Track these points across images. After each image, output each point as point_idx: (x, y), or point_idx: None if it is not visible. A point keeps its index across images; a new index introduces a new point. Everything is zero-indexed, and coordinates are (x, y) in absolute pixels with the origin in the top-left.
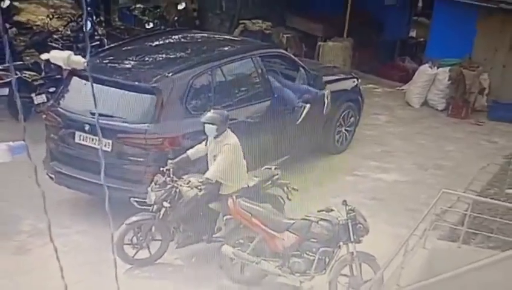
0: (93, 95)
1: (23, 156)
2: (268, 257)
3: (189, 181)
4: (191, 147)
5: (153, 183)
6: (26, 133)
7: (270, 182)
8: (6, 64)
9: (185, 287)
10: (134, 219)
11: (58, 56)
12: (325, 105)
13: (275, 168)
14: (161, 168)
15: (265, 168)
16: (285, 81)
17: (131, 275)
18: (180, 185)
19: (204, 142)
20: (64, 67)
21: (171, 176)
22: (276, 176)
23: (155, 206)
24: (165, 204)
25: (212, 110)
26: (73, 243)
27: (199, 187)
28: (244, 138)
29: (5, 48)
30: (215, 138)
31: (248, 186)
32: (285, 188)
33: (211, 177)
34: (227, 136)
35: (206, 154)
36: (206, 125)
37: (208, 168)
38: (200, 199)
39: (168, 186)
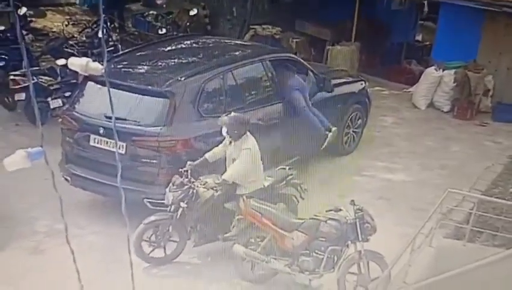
0: (110, 100)
1: (41, 160)
2: (278, 256)
3: (206, 182)
4: (203, 149)
5: (170, 184)
6: (42, 137)
7: (284, 182)
8: (24, 70)
9: (202, 285)
10: (152, 218)
11: (76, 63)
12: (325, 142)
13: (289, 169)
14: (180, 170)
15: (280, 169)
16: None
17: (150, 274)
18: (197, 186)
19: (221, 145)
20: (82, 73)
21: (189, 177)
22: (290, 176)
23: (172, 207)
24: (182, 204)
25: (231, 114)
26: (88, 243)
27: (215, 188)
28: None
29: (23, 54)
30: (235, 141)
31: (263, 186)
32: (298, 188)
33: (228, 179)
34: (247, 139)
35: (224, 156)
36: (223, 127)
37: (225, 170)
38: (216, 199)
39: (186, 187)
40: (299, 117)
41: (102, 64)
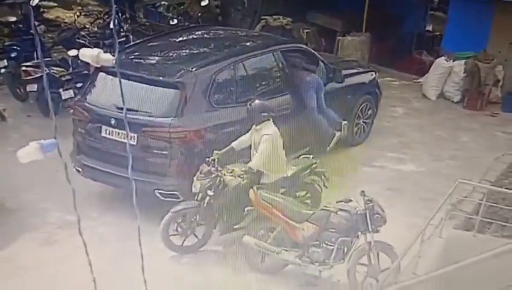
0: (121, 91)
1: (53, 152)
2: (288, 247)
3: (233, 170)
4: (214, 140)
5: (198, 173)
6: (56, 129)
7: (308, 170)
8: (36, 61)
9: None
10: (179, 207)
11: (87, 54)
12: (331, 143)
13: (313, 157)
14: (207, 158)
15: (304, 157)
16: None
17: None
18: (224, 174)
19: (247, 134)
20: (93, 64)
21: (216, 165)
22: (314, 165)
23: (200, 195)
24: (209, 192)
25: (255, 101)
26: (100, 234)
27: (242, 176)
28: None
29: (37, 45)
30: (257, 127)
31: (287, 175)
32: (322, 176)
33: (253, 166)
34: (267, 126)
35: (250, 145)
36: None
37: (250, 158)
38: (242, 187)
39: (213, 175)
40: (308, 115)
41: (113, 56)
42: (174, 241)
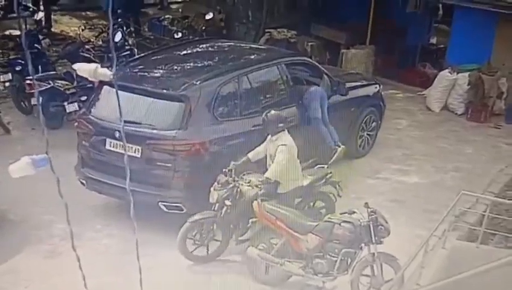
0: (119, 104)
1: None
2: (292, 259)
3: (250, 180)
4: (218, 153)
5: (215, 183)
6: (59, 141)
7: (323, 180)
8: (40, 74)
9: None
10: (196, 217)
11: (85, 68)
12: (333, 157)
13: (327, 167)
14: (224, 169)
15: (318, 167)
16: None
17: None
18: (241, 184)
19: (263, 144)
20: (90, 79)
21: (233, 176)
22: (329, 175)
23: (217, 205)
24: (227, 202)
25: (270, 111)
26: (104, 246)
27: (259, 186)
28: None
29: (27, 58)
30: (272, 137)
31: (303, 185)
32: (336, 186)
33: (270, 176)
34: (283, 136)
35: (266, 156)
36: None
37: (266, 168)
38: (259, 198)
39: (230, 185)
40: (311, 126)
41: (111, 70)
42: (191, 251)
